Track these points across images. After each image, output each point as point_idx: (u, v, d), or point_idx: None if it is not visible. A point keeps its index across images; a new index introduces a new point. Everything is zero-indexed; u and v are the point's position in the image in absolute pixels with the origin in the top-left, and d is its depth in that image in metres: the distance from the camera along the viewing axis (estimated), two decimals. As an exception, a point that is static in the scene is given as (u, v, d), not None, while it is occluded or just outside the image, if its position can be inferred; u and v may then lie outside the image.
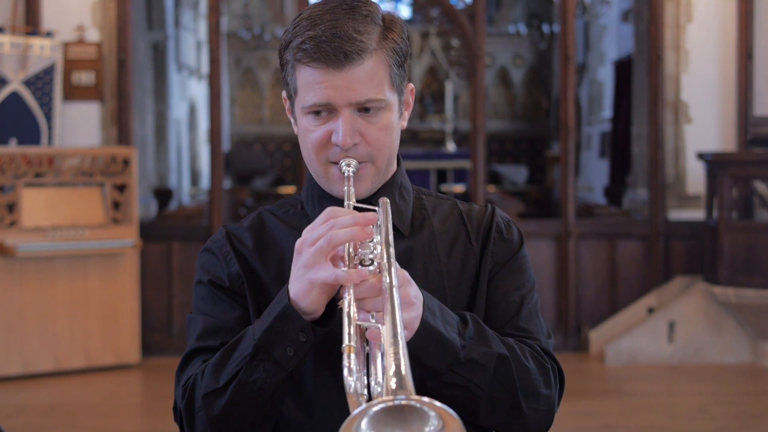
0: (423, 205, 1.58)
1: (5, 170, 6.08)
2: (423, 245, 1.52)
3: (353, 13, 1.41)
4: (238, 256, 1.52)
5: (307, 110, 1.43)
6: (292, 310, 1.32)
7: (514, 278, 1.54)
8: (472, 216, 1.58)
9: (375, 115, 1.43)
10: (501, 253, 1.54)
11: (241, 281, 1.50)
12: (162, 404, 5.65)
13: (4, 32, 6.27)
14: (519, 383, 1.41)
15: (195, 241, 6.78)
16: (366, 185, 1.46)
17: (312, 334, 1.32)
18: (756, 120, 6.77)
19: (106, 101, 6.72)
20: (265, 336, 1.34)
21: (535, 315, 1.54)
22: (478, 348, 1.38)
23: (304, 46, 1.39)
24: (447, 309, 1.39)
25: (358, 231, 1.27)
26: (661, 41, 6.84)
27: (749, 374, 6.24)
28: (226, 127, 13.33)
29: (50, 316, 6.15)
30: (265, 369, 1.34)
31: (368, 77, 1.40)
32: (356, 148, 1.42)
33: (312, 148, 1.45)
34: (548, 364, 1.47)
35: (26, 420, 5.23)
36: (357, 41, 1.38)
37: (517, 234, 1.58)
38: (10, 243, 5.95)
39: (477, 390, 1.38)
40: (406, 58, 1.47)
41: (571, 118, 6.97)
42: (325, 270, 1.27)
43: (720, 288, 6.23)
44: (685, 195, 6.94)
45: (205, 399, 1.39)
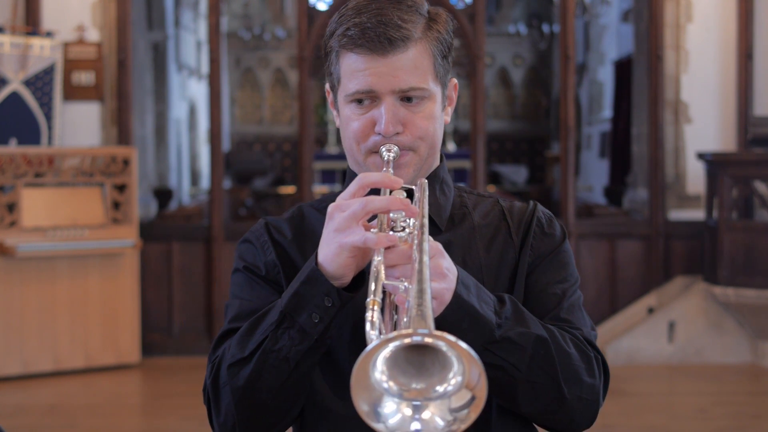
0: (464, 202, 1.57)
1: (5, 170, 6.08)
2: (462, 239, 1.51)
3: (399, 4, 1.41)
4: (276, 245, 1.52)
5: (350, 98, 1.43)
6: (319, 273, 1.30)
7: (556, 272, 1.51)
8: (513, 212, 1.56)
9: (418, 105, 1.42)
10: (542, 246, 1.52)
11: (276, 270, 1.50)
12: (162, 404, 5.65)
13: (4, 32, 6.27)
14: (560, 367, 1.37)
15: (195, 241, 6.78)
16: (408, 173, 1.45)
17: (338, 298, 1.30)
18: (756, 120, 6.77)
19: (106, 101, 6.72)
20: (292, 301, 1.33)
21: (578, 308, 1.51)
22: (516, 328, 1.35)
23: (349, 32, 1.39)
24: (484, 288, 1.36)
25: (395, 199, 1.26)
26: (661, 41, 6.84)
27: (749, 374, 6.24)
28: (226, 127, 13.33)
29: (50, 316, 6.15)
30: (290, 336, 1.33)
31: (412, 65, 1.40)
32: (398, 136, 1.42)
33: (353, 137, 1.45)
34: (591, 353, 1.43)
35: (26, 420, 5.22)
36: (402, 28, 1.38)
37: (559, 229, 1.55)
38: (10, 243, 5.95)
39: (514, 371, 1.34)
40: (451, 51, 1.46)
41: (571, 118, 6.97)
42: (355, 234, 1.25)
43: (720, 288, 6.23)
44: (685, 195, 6.94)
45: (230, 369, 1.39)
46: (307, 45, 6.84)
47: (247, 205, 10.15)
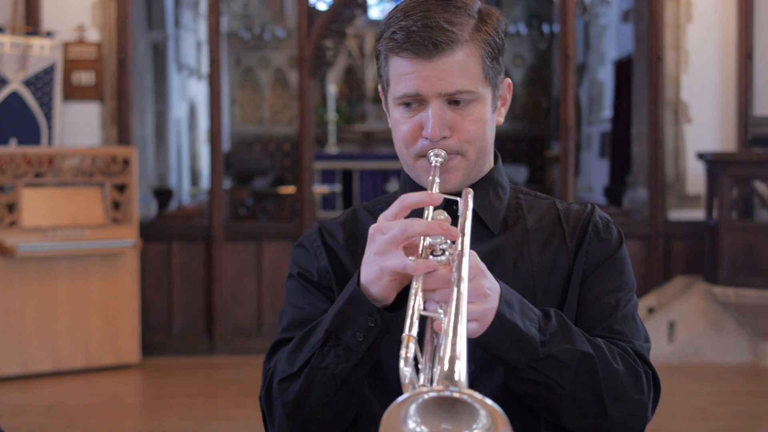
0: (519, 204, 1.55)
1: (5, 170, 6.08)
2: (515, 244, 1.49)
3: (447, 5, 1.40)
4: (328, 250, 1.52)
5: (398, 101, 1.42)
6: (361, 294, 1.31)
7: (611, 279, 1.49)
8: (569, 215, 1.53)
9: (466, 108, 1.41)
10: (597, 253, 1.49)
11: (328, 276, 1.50)
12: (162, 404, 5.65)
13: (4, 32, 6.27)
14: (604, 384, 1.35)
15: (195, 241, 6.78)
16: (456, 177, 1.44)
17: (380, 319, 1.31)
18: (756, 120, 6.77)
19: (106, 101, 6.72)
20: (336, 320, 1.34)
21: (632, 318, 1.49)
22: (560, 345, 1.33)
23: (396, 36, 1.39)
24: (528, 304, 1.35)
25: (434, 224, 1.25)
26: (661, 41, 6.84)
27: (749, 374, 6.24)
28: (226, 127, 13.33)
29: (50, 316, 6.15)
30: (336, 354, 1.34)
31: (459, 68, 1.38)
32: (446, 140, 1.41)
33: (402, 141, 1.45)
34: (640, 368, 1.41)
35: (26, 420, 5.22)
36: (448, 32, 1.37)
37: (616, 234, 1.53)
38: (10, 243, 5.95)
39: (557, 388, 1.33)
40: (501, 52, 1.45)
41: (571, 118, 6.97)
42: (395, 258, 1.25)
43: (720, 288, 6.23)
44: (685, 195, 6.94)
45: (280, 384, 1.40)
46: (307, 45, 6.84)
47: (247, 205, 10.15)
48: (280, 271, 6.78)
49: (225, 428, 5.08)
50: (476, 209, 1.47)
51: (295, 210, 8.65)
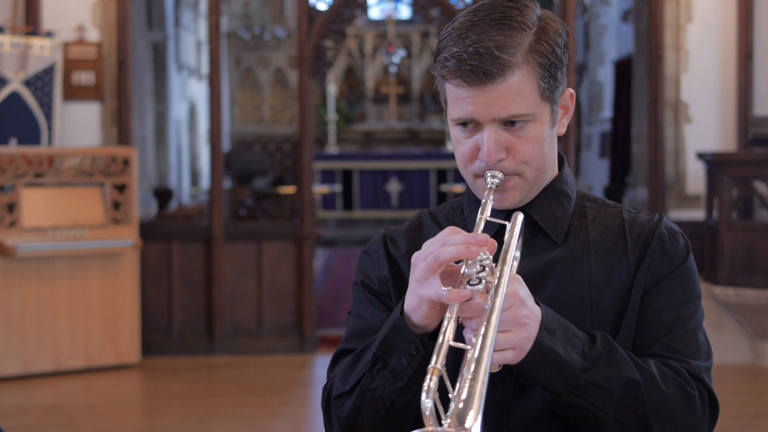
0: (584, 212, 1.52)
1: (5, 170, 6.08)
2: (574, 255, 1.47)
3: (503, 25, 1.37)
4: (390, 259, 1.53)
5: (455, 122, 1.43)
6: (403, 322, 1.32)
7: (673, 294, 1.44)
8: (634, 226, 1.49)
9: (521, 129, 1.40)
10: (660, 267, 1.45)
11: (388, 285, 1.51)
12: (162, 404, 5.65)
13: (4, 32, 6.27)
14: (651, 409, 1.34)
15: (195, 241, 6.78)
16: (515, 196, 1.44)
17: (422, 347, 1.31)
18: (756, 120, 6.77)
19: (106, 101, 6.72)
20: (382, 345, 1.36)
21: (692, 335, 1.46)
22: (604, 371, 1.32)
23: (448, 63, 1.38)
24: (573, 329, 1.33)
25: (464, 249, 1.25)
26: (661, 41, 6.84)
27: (749, 374, 6.24)
28: (226, 127, 13.33)
29: (50, 316, 6.15)
30: (384, 377, 1.36)
31: (512, 93, 1.37)
32: (502, 162, 1.40)
33: (461, 160, 1.45)
34: (694, 390, 1.39)
35: (26, 420, 5.22)
36: (499, 59, 1.35)
37: (682, 246, 1.47)
38: (10, 243, 5.95)
39: (601, 414, 1.33)
40: (559, 67, 1.42)
41: (571, 118, 6.96)
42: (431, 287, 1.26)
43: (720, 288, 6.23)
44: (685, 195, 6.93)
45: (335, 401, 1.45)
46: (307, 45, 6.84)
47: (247, 205, 10.15)
48: (280, 271, 6.78)
49: (225, 428, 5.09)
50: (537, 220, 1.47)
51: (295, 210, 8.65)
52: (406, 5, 15.84)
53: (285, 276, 6.79)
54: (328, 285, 9.29)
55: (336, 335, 6.96)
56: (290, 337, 6.78)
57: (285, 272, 6.78)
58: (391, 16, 15.72)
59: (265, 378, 6.18)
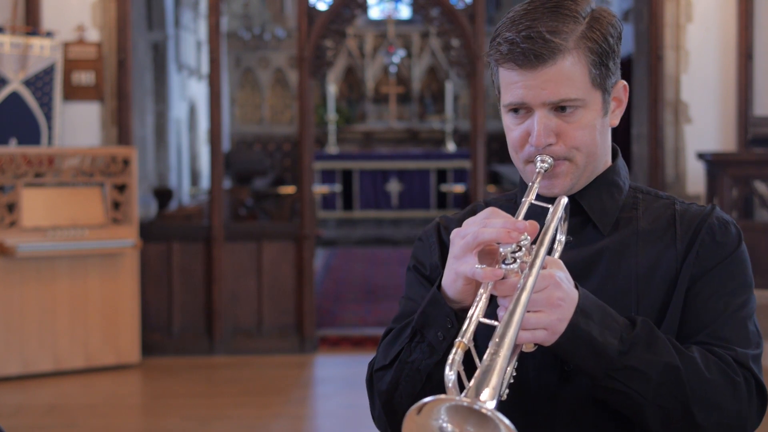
0: (636, 204, 1.53)
1: (5, 170, 6.08)
2: (620, 245, 1.48)
3: (555, 12, 1.40)
4: (441, 246, 1.56)
5: (507, 108, 1.45)
6: (440, 296, 1.36)
7: (722, 284, 1.44)
8: (685, 216, 1.50)
9: (572, 114, 1.42)
10: (709, 256, 1.45)
11: (438, 272, 1.52)
12: (162, 404, 5.65)
13: (4, 32, 6.27)
14: (692, 394, 1.34)
15: (195, 241, 6.78)
16: (565, 182, 1.45)
17: (456, 321, 1.34)
18: (756, 120, 6.77)
19: (106, 101, 6.72)
20: (420, 319, 1.40)
21: (741, 323, 1.43)
22: (642, 355, 1.33)
23: (501, 47, 1.41)
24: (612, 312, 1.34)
25: (504, 233, 1.27)
26: (661, 41, 6.84)
27: (749, 374, 6.24)
28: (226, 127, 13.33)
29: (50, 316, 6.15)
30: (421, 350, 1.40)
31: (563, 77, 1.39)
32: (552, 147, 1.42)
33: (512, 146, 1.47)
34: (739, 377, 1.38)
35: (26, 420, 5.23)
36: (551, 42, 1.38)
37: (734, 236, 1.48)
38: (10, 243, 5.95)
39: (638, 398, 1.34)
40: (611, 57, 1.44)
41: (571, 118, 6.96)
42: (467, 264, 1.29)
43: (720, 288, 6.22)
44: (685, 195, 6.93)
45: (376, 374, 1.49)
46: (307, 45, 6.84)
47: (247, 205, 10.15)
48: (280, 270, 6.78)
49: (225, 428, 5.09)
50: (586, 209, 1.49)
51: (295, 210, 8.65)
52: (406, 5, 15.84)
53: (285, 276, 6.79)
54: (328, 285, 9.29)
55: (336, 335, 6.96)
56: (290, 337, 6.78)
57: (285, 272, 6.78)
58: (391, 16, 15.72)
59: (265, 378, 6.18)
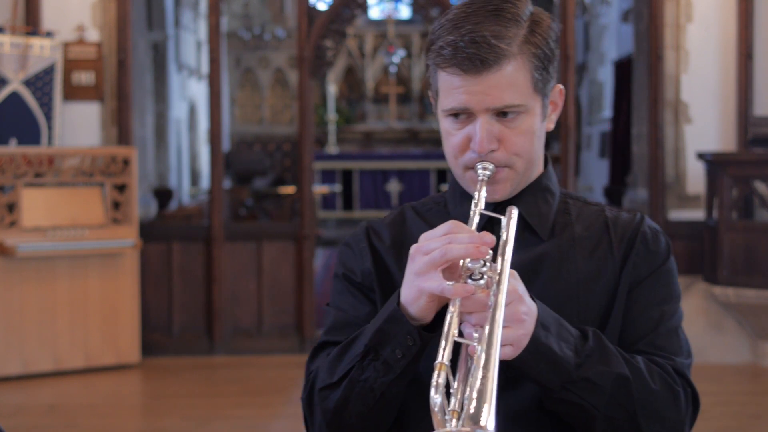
0: (568, 209, 1.54)
1: (5, 170, 6.08)
2: (561, 250, 1.48)
3: (497, 16, 1.38)
4: (373, 252, 1.53)
5: (447, 113, 1.42)
6: (401, 314, 1.32)
7: (656, 292, 1.47)
8: (617, 224, 1.51)
9: (514, 120, 1.40)
10: (644, 264, 1.48)
11: (371, 278, 1.50)
12: (162, 404, 5.65)
13: (4, 32, 6.27)
14: (639, 405, 1.36)
15: (195, 241, 6.78)
16: (504, 188, 1.45)
17: (419, 339, 1.31)
18: (756, 120, 6.77)
19: (106, 101, 6.72)
20: (375, 337, 1.35)
21: (674, 332, 1.47)
22: (596, 367, 1.34)
23: (443, 51, 1.38)
24: (566, 325, 1.35)
25: (473, 249, 1.25)
26: (661, 41, 6.84)
27: (749, 374, 6.24)
28: (226, 127, 13.32)
29: (50, 316, 6.15)
30: (375, 369, 1.35)
31: (507, 83, 1.38)
32: (494, 153, 1.41)
33: (451, 152, 1.45)
34: (679, 387, 1.40)
35: (26, 420, 5.22)
36: (495, 47, 1.35)
37: (664, 245, 1.51)
38: (10, 243, 5.95)
39: (591, 409, 1.34)
40: (552, 61, 1.44)
41: (571, 118, 6.97)
42: (433, 280, 1.26)
43: (720, 288, 6.23)
44: (685, 195, 6.93)
45: (320, 392, 1.43)
46: (307, 45, 6.84)
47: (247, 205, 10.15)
48: (280, 271, 6.78)
49: (225, 428, 5.09)
50: (524, 215, 1.48)
51: (295, 210, 8.65)
52: (406, 5, 15.84)
53: (285, 276, 6.79)
54: (328, 285, 9.28)
55: (336, 335, 6.96)
56: (290, 337, 6.78)
57: (285, 272, 6.78)
58: (391, 16, 15.72)
59: (265, 378, 6.18)
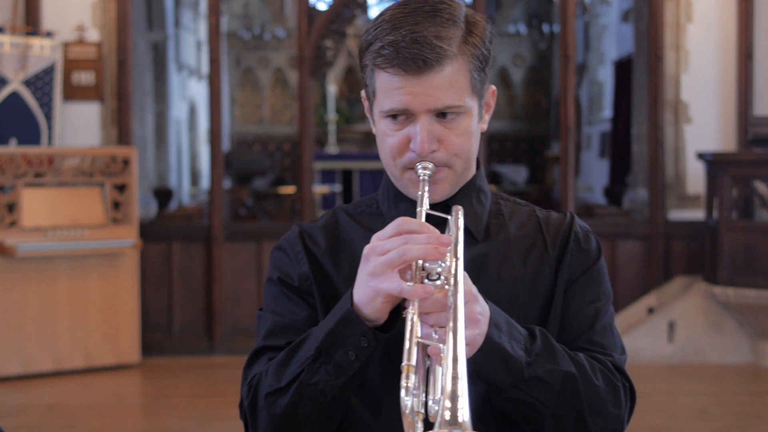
0: (500, 210, 1.54)
1: (5, 170, 6.08)
2: (498, 251, 1.49)
3: (435, 16, 1.38)
4: (309, 255, 1.51)
5: (385, 114, 1.41)
6: (355, 315, 1.30)
7: (590, 290, 1.50)
8: (550, 224, 1.54)
9: (453, 121, 1.40)
10: (578, 263, 1.50)
11: (309, 282, 1.49)
12: (162, 404, 5.65)
13: (4, 32, 6.27)
14: (586, 402, 1.38)
15: (195, 241, 6.78)
16: (443, 189, 1.45)
17: (374, 339, 1.31)
18: (756, 120, 6.77)
19: (106, 101, 6.72)
20: (328, 339, 1.33)
21: (609, 329, 1.50)
22: (545, 365, 1.35)
23: (384, 51, 1.37)
24: (515, 324, 1.36)
25: (431, 250, 1.24)
26: (661, 41, 6.84)
27: (749, 374, 6.24)
28: (226, 127, 13.32)
29: (50, 316, 6.15)
30: (327, 372, 1.34)
31: (448, 83, 1.37)
32: (433, 153, 1.40)
33: (389, 153, 1.44)
34: (619, 383, 1.43)
35: (26, 420, 5.22)
36: (437, 47, 1.35)
37: (595, 244, 1.54)
38: (10, 243, 5.95)
39: (541, 407, 1.36)
40: (488, 62, 1.44)
41: (571, 118, 6.97)
42: (391, 281, 1.25)
43: (720, 288, 6.23)
44: (685, 195, 6.94)
45: (267, 398, 1.40)
46: (307, 45, 6.84)
47: (247, 205, 10.15)
48: (280, 271, 6.77)
49: (225, 428, 5.09)
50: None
51: (295, 210, 8.65)
52: (406, 5, 15.85)
53: (285, 276, 6.78)
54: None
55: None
56: (290, 337, 6.77)
57: (285, 272, 6.78)
58: (391, 16, 15.71)
59: (265, 378, 6.17)
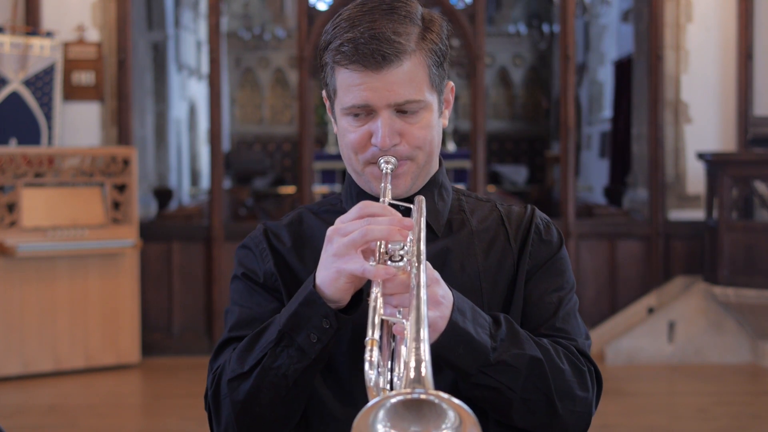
0: (462, 206, 1.57)
1: (5, 170, 6.08)
2: (461, 245, 1.52)
3: (392, 14, 1.40)
4: (275, 253, 1.53)
5: (347, 111, 1.43)
6: (317, 296, 1.32)
7: (553, 279, 1.53)
8: (511, 217, 1.57)
9: (414, 116, 1.43)
10: (539, 254, 1.53)
11: (274, 278, 1.51)
12: (162, 404, 5.65)
13: (4, 32, 6.27)
14: (553, 385, 1.40)
15: (195, 241, 6.78)
16: (406, 183, 1.46)
17: (335, 321, 1.32)
18: (756, 120, 6.77)
19: (106, 101, 6.72)
20: (290, 321, 1.35)
21: (573, 316, 1.53)
22: (510, 350, 1.37)
23: (343, 48, 1.39)
24: (479, 310, 1.38)
25: (394, 231, 1.26)
26: (661, 41, 6.84)
27: (749, 374, 6.24)
28: (226, 127, 13.33)
29: (50, 316, 6.15)
30: (289, 355, 1.35)
31: (407, 78, 1.40)
32: (395, 147, 1.42)
33: (351, 149, 1.45)
34: (584, 366, 1.46)
35: (26, 420, 5.22)
36: (395, 43, 1.38)
37: (556, 235, 1.57)
38: (10, 243, 5.95)
39: (508, 392, 1.37)
40: (446, 58, 1.46)
41: (571, 118, 6.97)
42: (354, 262, 1.27)
43: (720, 288, 6.23)
44: (685, 195, 6.94)
45: (230, 384, 1.41)
46: (307, 45, 6.84)
47: (247, 205, 10.15)
48: (280, 271, 6.78)
49: (225, 428, 5.08)
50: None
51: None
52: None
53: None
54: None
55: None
56: (290, 337, 6.77)
57: (285, 272, 6.78)
58: (391, 16, 15.71)
59: (265, 378, 6.18)
